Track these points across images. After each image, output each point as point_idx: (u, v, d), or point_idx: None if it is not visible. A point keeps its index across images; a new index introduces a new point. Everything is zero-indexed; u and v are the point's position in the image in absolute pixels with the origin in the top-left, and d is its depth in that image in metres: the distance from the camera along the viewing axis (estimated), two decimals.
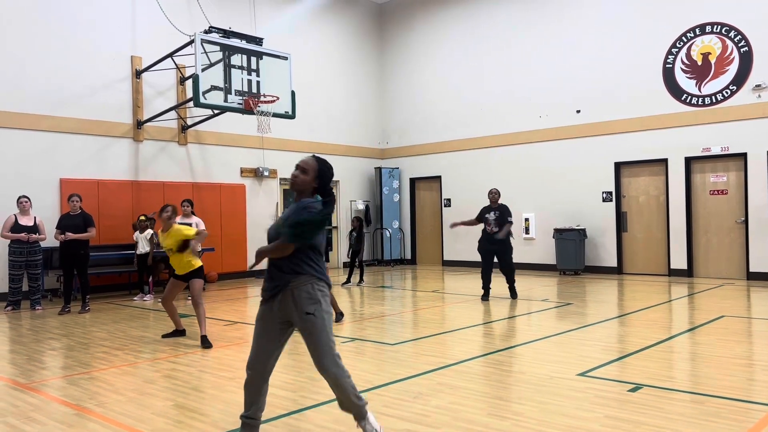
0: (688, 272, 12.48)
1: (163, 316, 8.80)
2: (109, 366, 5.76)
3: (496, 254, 9.80)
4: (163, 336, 7.15)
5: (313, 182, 3.62)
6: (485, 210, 9.98)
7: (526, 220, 14.75)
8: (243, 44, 11.41)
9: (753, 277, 11.72)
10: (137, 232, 10.73)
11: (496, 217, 9.77)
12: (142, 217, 10.78)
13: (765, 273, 11.59)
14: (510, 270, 9.86)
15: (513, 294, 9.88)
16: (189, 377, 5.27)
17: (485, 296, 9.82)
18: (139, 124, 12.22)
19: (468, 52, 15.87)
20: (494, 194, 9.96)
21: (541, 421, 3.97)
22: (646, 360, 5.61)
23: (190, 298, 10.41)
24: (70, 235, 9.03)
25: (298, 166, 3.68)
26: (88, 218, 9.31)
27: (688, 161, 12.49)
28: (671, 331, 7.09)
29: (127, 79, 12.19)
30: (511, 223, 9.74)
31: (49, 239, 9.67)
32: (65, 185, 11.05)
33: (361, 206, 16.81)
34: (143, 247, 10.60)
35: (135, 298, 10.58)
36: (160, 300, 10.21)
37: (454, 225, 10.19)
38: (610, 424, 3.88)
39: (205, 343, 6.55)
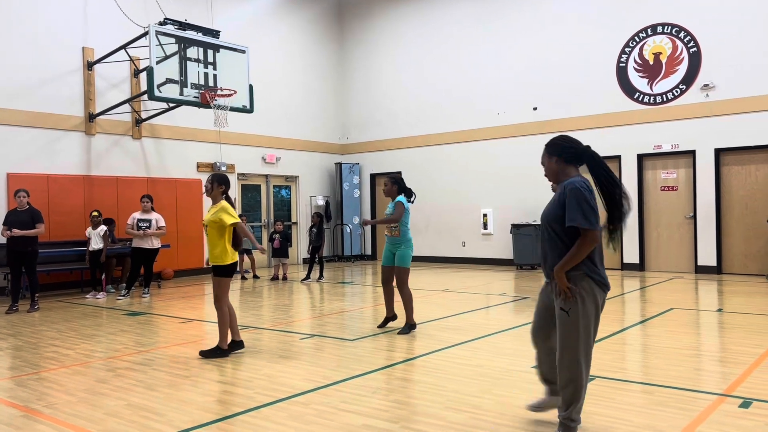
0: (640, 266, 12.83)
1: (117, 314, 8.60)
2: (59, 366, 5.59)
3: None
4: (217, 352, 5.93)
5: (554, 163, 3.54)
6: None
7: (485, 215, 14.93)
8: (199, 37, 11.20)
9: (701, 270, 12.13)
10: (90, 228, 10.44)
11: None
12: (95, 213, 10.50)
13: (712, 266, 12.00)
14: None
15: None
16: (143, 376, 5.16)
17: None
18: (91, 117, 11.88)
19: (427, 49, 15.94)
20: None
21: (498, 413, 4.03)
22: (599, 352, 5.74)
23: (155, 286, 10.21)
24: (17, 232, 8.72)
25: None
26: (36, 214, 9.00)
27: (641, 158, 12.83)
28: (623, 323, 7.28)
29: (79, 71, 11.83)
30: None
31: None
32: (12, 180, 10.66)
33: (321, 202, 16.74)
34: (96, 244, 10.32)
35: (87, 296, 10.30)
36: (119, 298, 10.01)
37: None
38: None
39: (213, 354, 5.77)
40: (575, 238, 3.32)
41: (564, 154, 3.49)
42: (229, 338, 5.92)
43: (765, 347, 5.76)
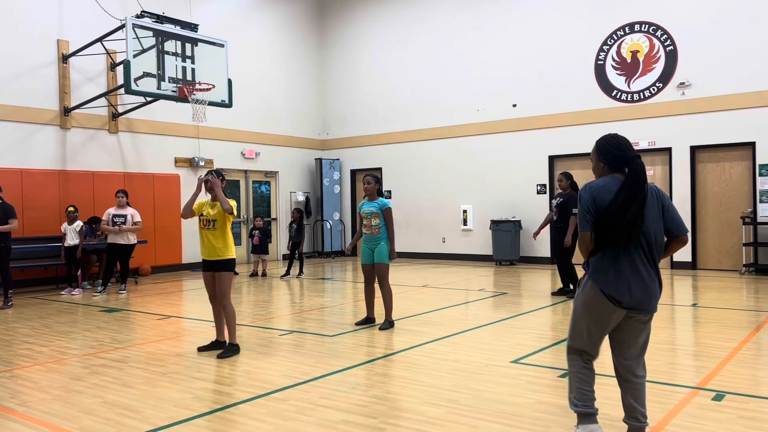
0: None
1: (93, 311, 8.49)
2: (33, 363, 5.50)
3: (557, 246, 8.84)
4: (199, 349, 5.85)
5: (599, 164, 3.38)
6: (554, 196, 9.14)
7: (464, 211, 14.99)
8: (177, 30, 11.08)
9: (676, 266, 12.31)
10: (65, 224, 10.29)
11: (557, 205, 8.84)
12: (71, 208, 10.34)
13: (687, 262, 12.19)
14: (560, 265, 8.82)
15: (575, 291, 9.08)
16: (119, 373, 5.10)
17: (559, 290, 8.99)
18: (66, 110, 11.68)
19: (408, 45, 15.94)
20: (560, 180, 8.89)
21: (475, 408, 4.05)
22: None
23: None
24: None
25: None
26: (8, 209, 8.83)
27: None
28: None
29: (53, 64, 11.62)
30: (574, 215, 8.37)
31: None
32: None
33: (301, 198, 16.67)
34: (72, 239, 10.17)
35: (63, 293, 10.14)
36: (95, 294, 9.88)
37: (536, 234, 9.53)
38: (541, 408, 4.01)
39: (229, 352, 5.60)
40: (597, 238, 3.25)
41: (610, 163, 3.34)
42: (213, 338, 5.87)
43: (738, 341, 5.87)
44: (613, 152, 3.32)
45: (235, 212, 5.76)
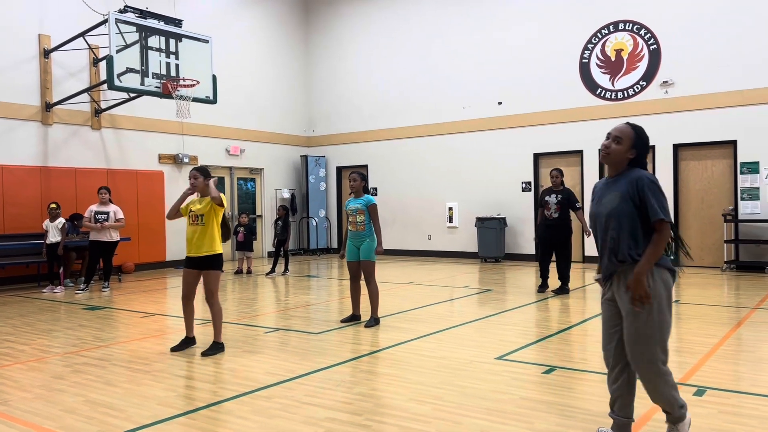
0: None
1: (76, 309, 8.40)
2: (13, 362, 5.43)
3: (554, 243, 8.87)
4: (172, 349, 5.72)
5: (628, 153, 3.18)
6: (545, 193, 8.94)
7: (450, 209, 15.03)
8: (161, 25, 10.97)
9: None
10: (47, 221, 10.17)
11: (557, 202, 8.73)
12: (53, 205, 10.22)
13: (669, 259, 12.30)
14: (567, 263, 8.86)
15: (563, 289, 8.86)
16: (102, 371, 5.05)
17: (542, 287, 9.06)
18: (48, 106, 11.54)
19: (394, 42, 15.93)
20: (555, 177, 8.84)
21: (460, 404, 4.06)
22: (561, 343, 5.85)
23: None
24: None
25: (610, 135, 3.22)
26: None
27: None
28: (585, 315, 7.42)
29: (35, 59, 11.46)
30: (579, 209, 8.83)
31: None
32: None
33: (286, 195, 16.61)
34: (54, 237, 10.05)
35: (44, 291, 10.03)
36: (78, 292, 9.77)
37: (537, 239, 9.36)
38: (524, 404, 4.03)
39: (213, 350, 5.58)
40: (647, 232, 3.21)
41: (641, 154, 3.22)
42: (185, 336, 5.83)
43: (719, 337, 5.94)
44: (645, 153, 3.25)
45: (225, 203, 5.73)
